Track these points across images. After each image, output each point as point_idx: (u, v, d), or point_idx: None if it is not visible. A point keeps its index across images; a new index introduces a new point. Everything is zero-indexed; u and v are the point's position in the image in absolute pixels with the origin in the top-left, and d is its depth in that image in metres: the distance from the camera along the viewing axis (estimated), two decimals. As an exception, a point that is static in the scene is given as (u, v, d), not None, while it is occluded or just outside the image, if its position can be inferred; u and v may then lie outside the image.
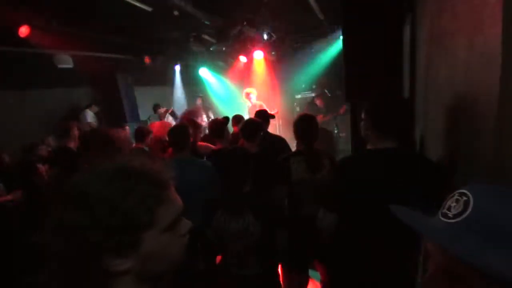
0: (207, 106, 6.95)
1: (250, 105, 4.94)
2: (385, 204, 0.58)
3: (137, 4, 3.87)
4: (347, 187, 1.31)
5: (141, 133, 3.08)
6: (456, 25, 1.11)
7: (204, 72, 7.38)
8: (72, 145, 2.93)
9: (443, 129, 1.33)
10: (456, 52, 1.11)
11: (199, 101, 6.68)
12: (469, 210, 0.43)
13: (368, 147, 1.38)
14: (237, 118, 3.27)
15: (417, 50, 2.11)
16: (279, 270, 1.80)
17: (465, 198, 0.44)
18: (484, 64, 0.84)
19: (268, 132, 2.87)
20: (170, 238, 0.57)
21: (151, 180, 0.56)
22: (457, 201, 0.45)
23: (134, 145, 3.18)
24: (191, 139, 2.23)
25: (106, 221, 0.50)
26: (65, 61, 4.61)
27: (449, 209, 0.46)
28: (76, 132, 3.08)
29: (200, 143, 2.73)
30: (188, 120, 2.94)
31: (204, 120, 5.36)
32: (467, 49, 1.00)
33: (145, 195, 0.53)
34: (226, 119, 2.83)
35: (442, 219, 0.47)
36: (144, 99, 6.54)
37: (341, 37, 2.42)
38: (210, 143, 2.67)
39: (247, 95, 4.91)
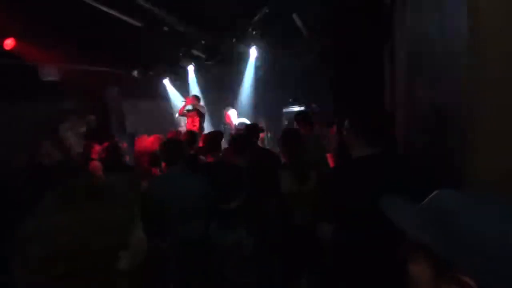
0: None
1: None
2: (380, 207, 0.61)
3: (127, 19, 3.92)
4: (343, 195, 1.34)
5: (118, 148, 3.08)
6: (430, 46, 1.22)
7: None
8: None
9: (420, 133, 1.42)
10: (430, 66, 1.22)
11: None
12: (427, 199, 0.52)
13: (354, 154, 1.44)
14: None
15: (396, 66, 2.25)
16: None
17: (433, 193, 0.53)
18: (453, 76, 0.93)
19: (258, 146, 2.91)
20: None
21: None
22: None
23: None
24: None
25: None
26: (51, 74, 4.53)
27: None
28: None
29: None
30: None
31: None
32: (440, 64, 1.10)
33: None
34: (220, 133, 2.87)
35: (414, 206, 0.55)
36: (132, 112, 6.48)
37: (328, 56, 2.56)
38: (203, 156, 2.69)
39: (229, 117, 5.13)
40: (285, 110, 7.13)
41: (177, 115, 5.67)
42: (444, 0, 1.01)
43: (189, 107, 5.39)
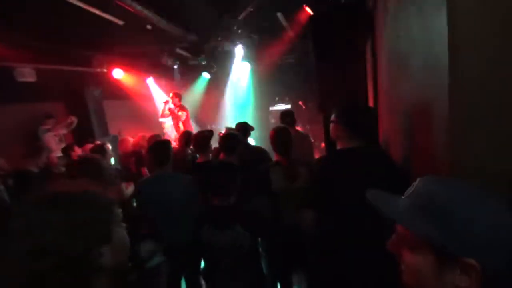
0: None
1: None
2: (363, 198, 0.62)
3: (109, 17, 3.80)
4: (325, 184, 1.38)
5: (103, 150, 3.01)
6: (411, 46, 1.27)
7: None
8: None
9: (402, 132, 1.48)
10: (412, 66, 1.27)
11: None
12: (412, 188, 0.54)
13: (339, 146, 1.49)
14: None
15: (378, 66, 2.32)
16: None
17: (415, 182, 0.55)
18: (435, 76, 0.97)
19: (248, 144, 2.92)
20: None
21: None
22: (412, 185, 0.56)
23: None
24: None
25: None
26: (27, 75, 4.31)
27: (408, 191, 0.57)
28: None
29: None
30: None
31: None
32: (421, 64, 1.15)
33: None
34: (210, 132, 2.84)
35: (402, 198, 0.57)
36: (114, 113, 6.28)
37: (312, 54, 2.60)
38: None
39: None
40: (271, 108, 7.19)
41: (160, 118, 5.50)
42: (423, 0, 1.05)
43: (169, 105, 5.27)
